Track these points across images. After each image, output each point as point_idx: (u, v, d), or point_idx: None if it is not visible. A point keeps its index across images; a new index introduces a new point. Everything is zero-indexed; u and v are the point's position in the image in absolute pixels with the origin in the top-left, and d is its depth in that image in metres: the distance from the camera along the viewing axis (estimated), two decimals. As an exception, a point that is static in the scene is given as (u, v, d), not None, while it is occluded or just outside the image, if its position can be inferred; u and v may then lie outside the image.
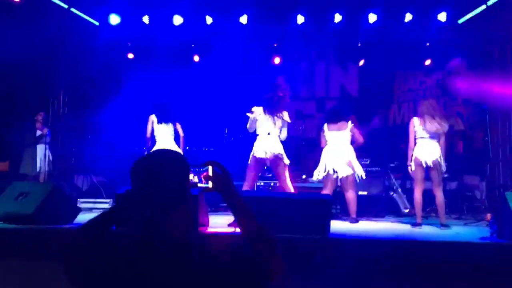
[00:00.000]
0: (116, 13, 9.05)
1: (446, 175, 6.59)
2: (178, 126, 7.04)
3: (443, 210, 6.00)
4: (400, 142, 8.77)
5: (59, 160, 8.35)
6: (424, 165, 6.02)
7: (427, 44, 9.19)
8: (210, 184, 1.74)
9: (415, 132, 6.14)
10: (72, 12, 8.91)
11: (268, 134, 5.97)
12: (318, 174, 6.44)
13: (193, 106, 9.62)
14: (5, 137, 8.50)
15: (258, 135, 6.06)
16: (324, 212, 4.50)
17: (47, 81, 9.47)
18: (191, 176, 1.85)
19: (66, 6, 8.74)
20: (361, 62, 9.33)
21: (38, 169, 8.01)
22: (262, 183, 7.90)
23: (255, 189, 7.53)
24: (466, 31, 9.00)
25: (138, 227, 1.61)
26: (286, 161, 6.04)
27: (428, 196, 7.73)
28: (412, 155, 6.10)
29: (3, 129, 8.43)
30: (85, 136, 8.90)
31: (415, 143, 6.13)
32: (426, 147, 6.04)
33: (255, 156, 5.97)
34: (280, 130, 6.10)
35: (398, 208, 7.48)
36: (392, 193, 7.56)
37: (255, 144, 6.04)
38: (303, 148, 8.56)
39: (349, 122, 6.56)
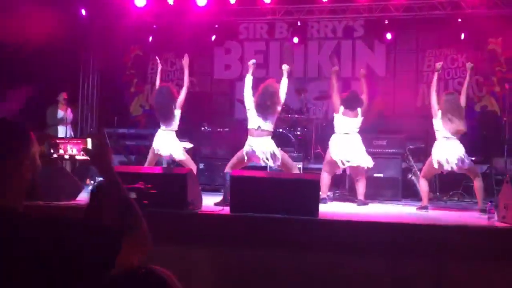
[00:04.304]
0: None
1: (473, 158, 6.28)
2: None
3: (480, 196, 5.77)
4: (426, 124, 8.41)
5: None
6: (445, 167, 5.74)
7: (459, 20, 8.70)
8: (87, 157, 1.76)
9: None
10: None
11: (258, 128, 5.64)
12: (327, 165, 6.29)
13: (212, 87, 9.65)
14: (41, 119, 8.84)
15: (248, 129, 5.72)
16: (312, 193, 4.41)
17: (75, 63, 9.72)
18: (71, 149, 1.86)
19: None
20: (389, 36, 8.88)
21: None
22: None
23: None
24: (502, 5, 8.46)
25: None
26: (281, 154, 5.59)
27: (453, 178, 7.40)
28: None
29: (39, 111, 8.75)
30: (111, 117, 9.12)
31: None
32: (445, 146, 5.76)
33: (245, 157, 5.63)
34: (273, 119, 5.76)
35: (417, 192, 7.21)
36: (410, 176, 7.29)
37: (246, 143, 5.67)
38: (325, 129, 8.36)
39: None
